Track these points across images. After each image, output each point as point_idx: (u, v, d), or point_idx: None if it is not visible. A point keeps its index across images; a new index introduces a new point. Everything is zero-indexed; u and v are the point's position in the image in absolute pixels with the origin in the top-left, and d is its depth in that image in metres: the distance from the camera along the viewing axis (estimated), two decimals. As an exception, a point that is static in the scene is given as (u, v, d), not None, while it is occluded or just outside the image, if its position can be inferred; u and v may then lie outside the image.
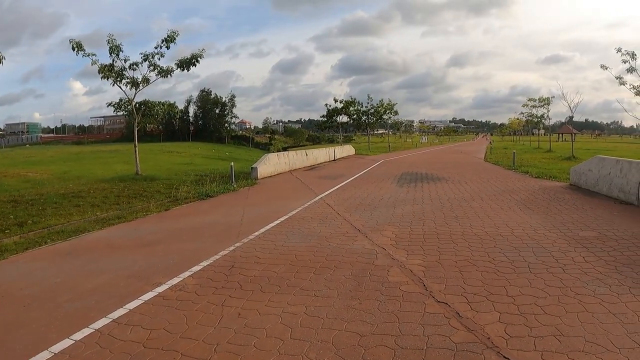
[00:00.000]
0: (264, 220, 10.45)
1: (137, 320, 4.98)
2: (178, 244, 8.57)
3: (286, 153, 26.45)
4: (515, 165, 24.77)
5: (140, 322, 4.91)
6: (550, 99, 48.97)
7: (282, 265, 6.90)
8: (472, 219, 10.07)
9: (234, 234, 9.17)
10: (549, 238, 8.19)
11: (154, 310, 5.24)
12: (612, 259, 6.83)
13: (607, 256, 7.00)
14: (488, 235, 8.52)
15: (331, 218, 10.57)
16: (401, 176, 20.77)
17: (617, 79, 24.08)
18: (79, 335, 4.62)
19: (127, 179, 18.92)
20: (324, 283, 6.02)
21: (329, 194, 14.71)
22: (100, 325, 4.83)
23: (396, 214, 10.93)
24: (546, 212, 10.75)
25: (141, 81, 20.85)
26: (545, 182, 17.47)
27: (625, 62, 23.27)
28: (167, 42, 20.42)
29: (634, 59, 23.02)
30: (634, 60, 23.04)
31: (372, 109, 56.37)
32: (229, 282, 6.20)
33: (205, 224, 10.56)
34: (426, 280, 5.99)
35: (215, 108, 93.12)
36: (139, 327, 4.78)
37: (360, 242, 8.21)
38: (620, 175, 12.69)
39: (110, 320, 4.96)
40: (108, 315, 5.08)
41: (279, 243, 8.28)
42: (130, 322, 4.91)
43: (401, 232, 8.94)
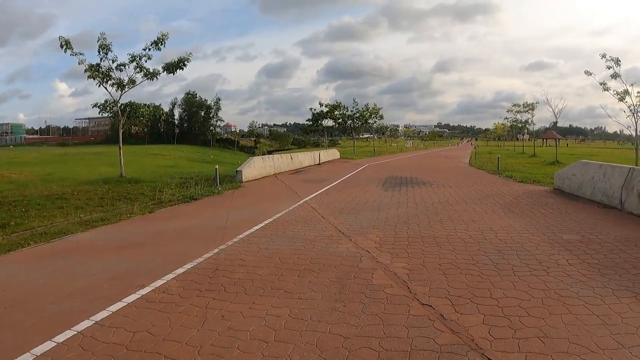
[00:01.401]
0: (248, 223, 10.39)
1: (120, 322, 4.92)
2: (162, 247, 8.51)
3: (271, 156, 26.35)
4: (500, 169, 24.89)
5: (123, 324, 4.84)
6: (534, 104, 49.45)
7: (266, 267, 6.85)
8: (457, 223, 10.07)
9: (219, 236, 9.10)
10: (532, 241, 8.22)
11: (137, 313, 5.18)
12: (595, 262, 6.86)
13: (591, 259, 7.03)
14: (472, 238, 8.53)
15: (315, 221, 10.53)
16: (386, 180, 20.78)
17: (601, 85, 24.35)
18: (62, 337, 4.56)
19: (111, 181, 18.80)
20: (308, 286, 5.98)
21: (313, 198, 14.67)
22: (82, 328, 4.77)
23: (381, 217, 10.91)
24: (530, 216, 10.80)
25: (127, 83, 20.76)
26: (529, 186, 17.57)
27: (609, 68, 23.55)
28: (156, 44, 20.42)
29: (619, 65, 23.31)
30: (618, 66, 23.33)
31: (358, 113, 56.42)
32: (213, 284, 6.15)
33: (189, 226, 10.49)
34: (410, 283, 5.97)
35: (201, 111, 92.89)
36: (122, 329, 4.72)
37: (345, 245, 8.17)
38: (603, 179, 12.78)
39: (93, 323, 4.90)
40: (91, 318, 5.02)
41: (263, 246, 8.23)
42: (113, 324, 4.85)
43: (385, 235, 8.92)
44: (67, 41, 19.08)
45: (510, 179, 20.63)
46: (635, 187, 11.09)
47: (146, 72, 20.81)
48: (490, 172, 24.64)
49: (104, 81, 20.26)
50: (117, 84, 20.59)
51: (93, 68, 19.82)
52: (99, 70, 19.97)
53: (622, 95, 23.48)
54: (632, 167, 11.83)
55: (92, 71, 19.78)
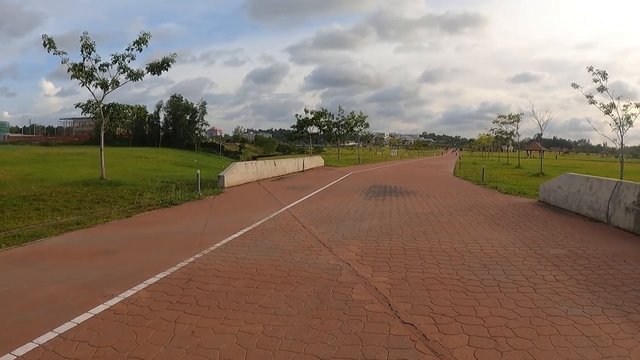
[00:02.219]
0: (227, 230, 10.05)
1: (84, 335, 4.60)
2: (136, 254, 8.18)
3: (254, 162, 26.04)
4: (485, 180, 24.73)
5: (88, 338, 4.53)
6: (519, 116, 49.63)
7: (242, 279, 6.51)
8: (441, 235, 9.79)
9: (195, 244, 8.75)
10: (519, 255, 7.96)
11: (102, 326, 4.85)
12: (583, 278, 6.63)
13: (579, 275, 6.80)
14: (457, 252, 8.24)
15: (296, 230, 10.20)
16: (370, 189, 20.49)
17: (587, 97, 24.32)
18: (21, 350, 4.25)
19: (92, 183, 18.34)
20: (285, 300, 5.65)
21: (295, 205, 14.34)
22: (45, 340, 4.47)
23: (363, 227, 10.61)
24: (515, 229, 10.57)
25: (110, 83, 20.38)
26: (514, 198, 17.39)
27: (596, 82, 23.51)
28: (138, 44, 20.10)
29: (605, 78, 23.27)
30: (604, 79, 23.29)
31: (343, 120, 56.22)
32: (185, 296, 5.80)
33: (166, 233, 10.13)
34: (392, 299, 5.66)
35: (186, 114, 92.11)
36: (85, 344, 4.41)
37: (325, 256, 7.84)
38: (590, 192, 12.61)
39: (56, 335, 4.59)
40: (55, 329, 4.71)
41: (240, 255, 7.88)
42: (77, 338, 4.53)
43: (367, 247, 8.60)
44: (50, 40, 18.72)
45: (495, 190, 20.48)
46: (622, 202, 10.92)
47: (130, 73, 20.45)
48: (475, 183, 24.50)
49: (87, 81, 19.86)
50: (100, 84, 20.20)
51: (76, 67, 19.43)
52: (82, 70, 19.57)
53: (608, 109, 23.43)
54: (619, 181, 11.68)
55: (75, 71, 19.40)
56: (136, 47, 20.12)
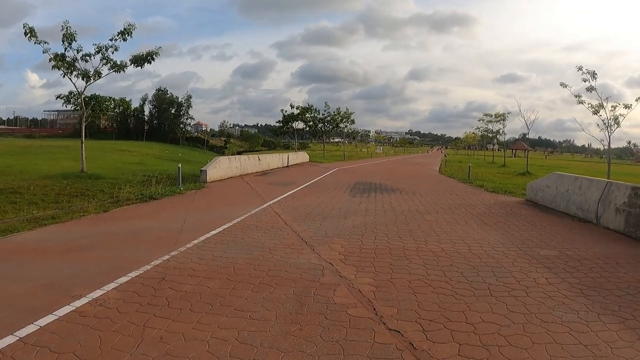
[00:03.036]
0: (206, 227, 9.66)
1: (46, 340, 4.23)
2: (109, 251, 7.71)
3: (238, 157, 25.60)
4: (471, 178, 24.50)
5: (49, 343, 4.16)
6: (506, 115, 49.59)
7: (218, 279, 6.12)
8: (427, 234, 9.46)
9: (172, 241, 8.35)
10: (508, 257, 7.66)
11: (66, 329, 4.47)
12: (576, 281, 6.35)
13: (571, 278, 6.52)
14: (444, 252, 7.91)
15: (277, 227, 9.81)
16: (354, 186, 20.16)
17: (576, 97, 24.16)
18: (-22, 356, 3.85)
19: (72, 177, 17.83)
20: (262, 303, 5.26)
21: (278, 202, 13.95)
22: (4, 345, 4.14)
23: (347, 225, 10.24)
24: (504, 229, 10.28)
25: (92, 74, 19.85)
26: (501, 196, 17.13)
27: (585, 81, 23.32)
28: (123, 35, 19.53)
29: (594, 78, 23.10)
30: (594, 79, 23.11)
31: (329, 116, 55.81)
32: (156, 297, 5.41)
33: (143, 228, 9.68)
34: (376, 303, 5.29)
35: (171, 108, 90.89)
36: (46, 349, 4.05)
37: (306, 255, 7.46)
38: (579, 192, 12.37)
39: (17, 339, 4.23)
40: (15, 333, 4.35)
41: (217, 253, 7.49)
42: (37, 343, 4.17)
43: (351, 245, 8.24)
44: (31, 29, 18.20)
45: (481, 188, 20.23)
46: (612, 202, 10.68)
47: (113, 64, 19.90)
48: (460, 181, 24.26)
49: (68, 72, 19.33)
50: (82, 75, 19.66)
51: (57, 58, 18.90)
52: (64, 60, 19.04)
53: (596, 109, 23.28)
54: (610, 182, 11.44)
55: (57, 61, 18.88)
56: (120, 38, 19.57)
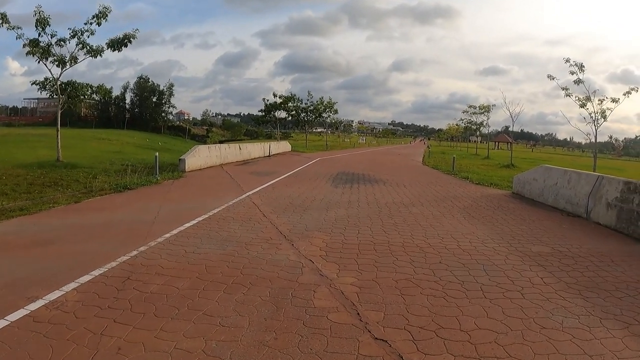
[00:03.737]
0: (180, 219, 9.11)
1: (-10, 350, 3.68)
2: (75, 245, 7.15)
3: (218, 146, 25.04)
4: (455, 170, 24.14)
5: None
6: (490, 106, 49.35)
7: (188, 278, 5.59)
8: (413, 228, 9.00)
9: (142, 234, 7.80)
10: (500, 253, 7.22)
11: (16, 337, 3.95)
12: (573, 281, 5.94)
13: (567, 277, 6.11)
14: (432, 247, 7.44)
15: (255, 220, 9.28)
16: (337, 176, 19.66)
17: (563, 90, 23.76)
18: None
19: (47, 166, 17.10)
20: (234, 307, 4.74)
21: (257, 192, 13.41)
22: None
23: (329, 218, 9.74)
24: (492, 223, 9.85)
25: (68, 60, 19.12)
26: (487, 189, 16.74)
27: (572, 74, 22.94)
28: (97, 18, 18.80)
29: (582, 70, 22.73)
30: (581, 72, 22.75)
31: (312, 106, 55.13)
32: (119, 300, 4.88)
33: (113, 220, 9.08)
34: (360, 307, 4.79)
35: (153, 96, 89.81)
36: (-11, 362, 3.51)
37: (285, 251, 6.94)
38: (568, 186, 12.00)
39: None
40: None
41: (190, 249, 6.95)
42: (-19, 354, 3.62)
43: (333, 240, 7.73)
44: (2, 14, 17.50)
45: (466, 180, 19.85)
46: (603, 197, 10.31)
47: (89, 49, 19.20)
48: (445, 173, 23.89)
49: (43, 58, 18.63)
50: (58, 60, 18.95)
51: (32, 43, 18.25)
52: (38, 46, 18.36)
53: (583, 102, 22.94)
54: (601, 175, 11.07)
55: (31, 47, 18.23)
56: (95, 22, 18.84)
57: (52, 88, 20.09)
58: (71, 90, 20.74)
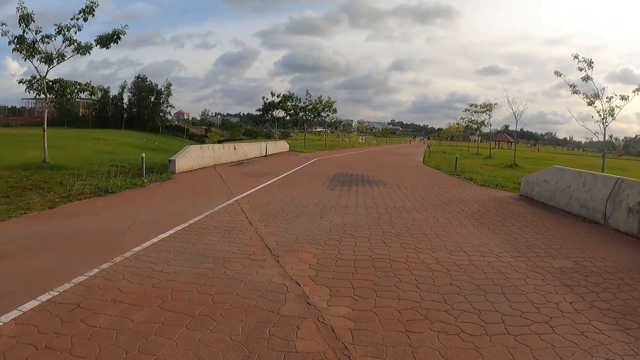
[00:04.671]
0: (157, 227, 8.19)
1: None
2: (32, 260, 6.23)
3: (211, 146, 24.05)
4: (457, 171, 23.20)
5: None
6: (492, 105, 48.42)
7: (148, 307, 4.64)
8: (418, 238, 8.02)
9: (110, 247, 6.87)
10: (518, 270, 6.25)
11: None
12: (606, 306, 5.02)
13: (599, 301, 5.18)
14: (440, 264, 6.45)
15: (240, 229, 8.30)
16: (334, 177, 18.67)
17: (571, 87, 22.79)
18: None
19: (32, 167, 16.33)
20: (195, 350, 3.77)
21: (247, 196, 12.44)
22: None
23: (322, 226, 8.75)
24: (505, 231, 8.89)
25: (55, 57, 18.35)
26: (493, 191, 15.78)
27: (581, 70, 21.93)
28: (84, 13, 17.93)
29: (591, 67, 21.74)
30: (590, 68, 21.75)
31: (310, 105, 54.17)
32: (60, 336, 3.95)
33: (85, 229, 8.14)
34: (355, 351, 3.80)
35: (151, 96, 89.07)
36: None
37: (268, 270, 5.96)
38: (582, 189, 11.06)
39: None
40: None
41: (158, 266, 6.00)
42: None
43: (325, 255, 6.74)
44: None
45: (470, 181, 18.91)
46: (624, 201, 9.38)
47: (77, 46, 18.44)
48: (447, 173, 22.94)
49: (29, 55, 17.88)
50: (44, 58, 18.22)
51: (18, 40, 17.46)
52: (24, 43, 17.57)
53: (591, 100, 21.96)
54: (620, 178, 10.12)
55: (17, 44, 17.46)
56: (82, 17, 17.98)
57: (40, 87, 19.25)
58: (59, 88, 19.89)
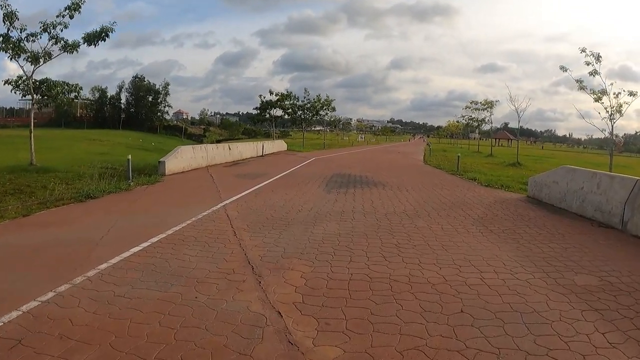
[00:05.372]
0: (131, 239, 7.36)
1: None
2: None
3: (204, 146, 23.19)
4: (460, 170, 22.36)
5: None
6: (494, 102, 47.59)
7: (97, 346, 3.82)
8: (421, 250, 7.14)
9: (75, 264, 6.06)
10: (538, 291, 5.40)
11: None
12: (646, 338, 4.14)
13: (635, 329, 4.40)
14: (448, 284, 5.58)
15: (222, 240, 7.43)
16: (331, 178, 17.77)
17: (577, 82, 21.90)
18: None
19: (18, 170, 15.59)
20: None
21: (236, 200, 11.58)
22: None
23: (315, 236, 7.87)
24: (516, 240, 8.04)
25: (41, 55, 17.67)
26: (499, 192, 14.92)
27: (588, 64, 21.02)
28: (70, 10, 17.24)
29: (599, 61, 20.82)
30: (598, 62, 20.83)
31: (309, 103, 53.30)
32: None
33: (53, 241, 7.31)
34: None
35: (148, 96, 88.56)
36: None
37: (247, 294, 5.08)
38: (597, 191, 10.23)
39: None
40: None
41: (122, 289, 5.16)
42: None
43: (315, 274, 5.86)
44: None
45: (473, 181, 18.06)
46: (645, 204, 8.55)
47: (65, 44, 17.75)
48: (449, 173, 22.11)
49: (15, 54, 17.14)
50: (31, 57, 17.51)
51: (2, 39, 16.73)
52: (9, 41, 16.83)
53: (599, 95, 21.05)
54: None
55: (2, 42, 16.73)
56: (68, 14, 17.31)
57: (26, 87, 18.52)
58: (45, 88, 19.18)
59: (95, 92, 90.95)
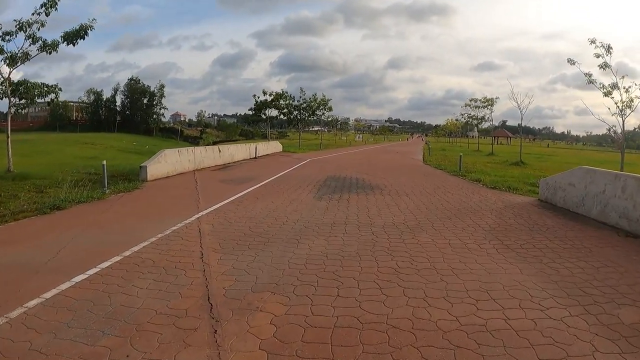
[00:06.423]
0: (80, 263, 6.18)
1: None
2: None
3: (191, 149, 21.87)
4: (462, 170, 21.10)
5: None
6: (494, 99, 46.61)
7: None
8: (426, 277, 5.84)
9: (3, 298, 4.89)
10: (579, 336, 4.15)
11: None
12: None
13: None
14: (463, 330, 4.26)
15: (183, 266, 6.13)
16: (324, 182, 16.47)
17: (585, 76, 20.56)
18: None
19: (-6, 177, 14.18)
20: None
21: (215, 210, 10.31)
22: None
23: (296, 259, 6.56)
24: (539, 257, 6.77)
25: (19, 56, 16.88)
26: (507, 195, 13.63)
27: (598, 57, 19.66)
28: (45, 7, 16.24)
29: (609, 53, 19.46)
30: (609, 54, 19.45)
31: (305, 103, 52.02)
32: None
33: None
34: None
35: (144, 98, 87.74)
36: None
37: (195, 352, 3.78)
38: (622, 195, 8.99)
39: None
40: None
41: (41, 340, 3.97)
42: None
43: (290, 319, 4.51)
44: None
45: (478, 183, 16.80)
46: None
47: (43, 44, 16.89)
48: (451, 174, 20.80)
49: (-8, 56, 16.20)
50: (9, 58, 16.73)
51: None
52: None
53: (609, 90, 19.71)
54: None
55: None
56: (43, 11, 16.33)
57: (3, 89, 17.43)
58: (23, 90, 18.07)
59: (91, 95, 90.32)
